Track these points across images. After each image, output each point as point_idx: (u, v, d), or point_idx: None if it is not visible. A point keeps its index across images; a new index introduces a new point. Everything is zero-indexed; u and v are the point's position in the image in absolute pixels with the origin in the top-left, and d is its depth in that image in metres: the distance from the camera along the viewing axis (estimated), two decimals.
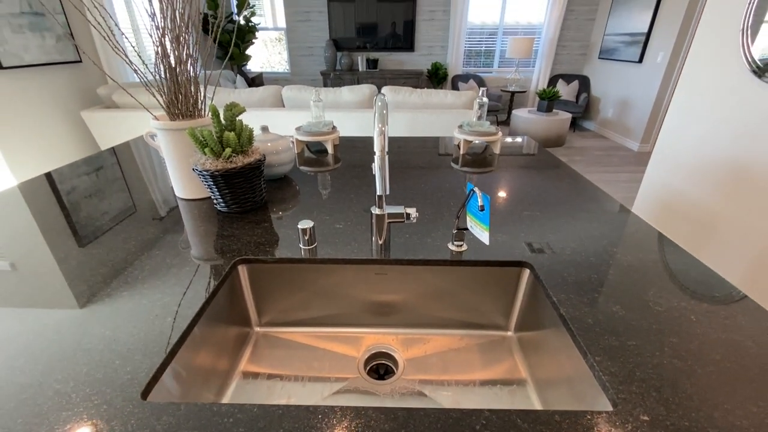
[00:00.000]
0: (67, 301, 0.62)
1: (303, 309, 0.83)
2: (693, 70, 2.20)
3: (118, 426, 0.42)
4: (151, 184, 1.14)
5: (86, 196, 1.04)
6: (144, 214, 0.93)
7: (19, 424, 0.42)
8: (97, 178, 1.18)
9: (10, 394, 0.45)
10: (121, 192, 1.07)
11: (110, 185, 1.12)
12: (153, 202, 1.01)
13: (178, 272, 0.70)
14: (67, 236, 0.83)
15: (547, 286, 0.66)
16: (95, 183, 1.14)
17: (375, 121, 0.55)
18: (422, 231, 0.84)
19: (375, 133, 0.55)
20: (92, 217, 0.92)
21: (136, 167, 1.29)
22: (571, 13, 5.18)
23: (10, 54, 2.38)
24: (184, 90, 0.86)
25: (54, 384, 0.47)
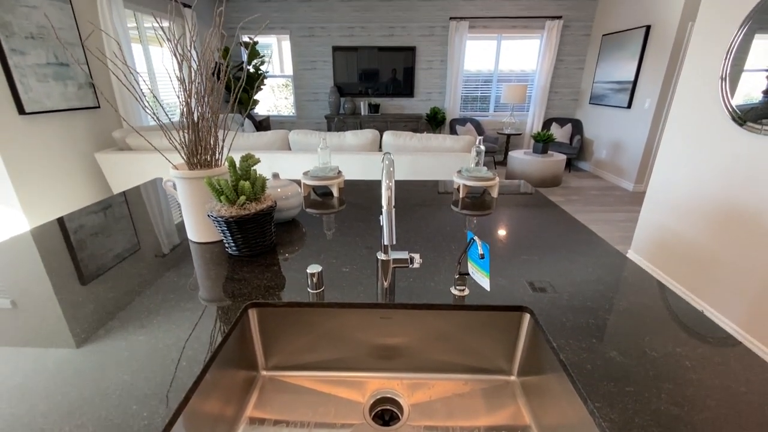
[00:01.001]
0: (86, 344, 0.65)
1: (309, 352, 0.84)
2: (678, 118, 2.33)
3: None
4: (164, 228, 1.19)
5: (96, 239, 1.09)
6: (158, 259, 0.97)
7: None
8: (111, 222, 1.23)
9: None
10: (135, 236, 1.12)
11: (124, 229, 1.17)
12: (166, 246, 1.05)
13: (191, 316, 0.73)
14: (81, 280, 0.86)
15: (546, 331, 0.69)
16: (108, 227, 1.19)
17: (383, 178, 0.61)
18: (425, 275, 0.88)
19: (383, 188, 0.61)
20: (106, 262, 0.96)
21: (148, 211, 1.34)
22: (561, 62, 5.52)
23: (32, 101, 2.53)
24: (204, 143, 0.94)
25: (74, 429, 0.48)
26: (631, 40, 4.37)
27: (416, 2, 5.29)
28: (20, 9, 2.44)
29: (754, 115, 1.83)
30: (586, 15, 5.26)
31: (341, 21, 5.42)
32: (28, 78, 2.48)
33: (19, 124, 2.47)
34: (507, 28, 5.38)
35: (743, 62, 1.90)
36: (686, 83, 2.25)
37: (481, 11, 5.30)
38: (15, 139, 2.45)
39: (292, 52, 5.64)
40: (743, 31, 1.88)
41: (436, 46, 5.51)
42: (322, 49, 5.58)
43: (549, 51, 5.34)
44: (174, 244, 1.05)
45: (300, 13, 5.40)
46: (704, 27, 2.13)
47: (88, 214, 1.29)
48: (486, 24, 5.35)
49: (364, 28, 5.44)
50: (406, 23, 5.39)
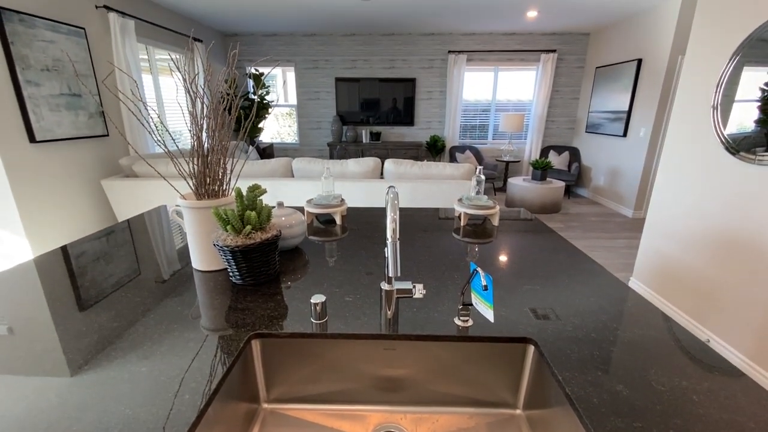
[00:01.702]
0: (88, 374, 0.64)
1: (312, 384, 0.83)
2: (673, 147, 2.39)
3: None
4: (168, 256, 1.20)
5: (99, 267, 1.09)
6: (161, 287, 0.98)
7: None
8: (114, 250, 1.24)
9: None
10: (137, 264, 1.13)
11: (127, 258, 1.18)
12: (170, 274, 1.06)
13: (194, 346, 0.73)
14: (82, 309, 0.87)
15: (551, 363, 0.68)
16: (111, 255, 1.20)
17: (388, 211, 0.63)
18: (429, 305, 0.88)
19: (388, 220, 0.63)
20: (108, 291, 0.96)
21: (151, 239, 1.36)
22: (557, 92, 5.69)
23: (44, 129, 2.60)
24: (212, 174, 0.96)
25: None
26: (623, 72, 4.53)
27: (416, 37, 5.52)
28: (37, 43, 2.55)
29: (747, 145, 1.87)
30: (579, 49, 5.48)
31: (344, 54, 5.64)
32: (41, 108, 2.57)
33: (29, 152, 2.53)
34: (503, 60, 5.59)
35: (734, 93, 1.96)
36: (679, 113, 2.32)
37: (478, 45, 5.52)
38: (24, 166, 2.50)
39: (296, 82, 5.83)
40: (732, 64, 1.96)
41: (435, 77, 5.70)
42: (326, 80, 5.77)
43: (545, 82, 5.53)
44: (178, 272, 1.06)
45: (305, 46, 5.63)
46: (694, 60, 2.23)
47: (91, 241, 1.30)
48: (483, 57, 5.57)
49: (367, 61, 5.65)
50: (406, 56, 5.61)
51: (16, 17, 2.40)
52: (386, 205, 0.65)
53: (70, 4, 2.84)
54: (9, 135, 2.39)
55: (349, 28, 5.19)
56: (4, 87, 2.36)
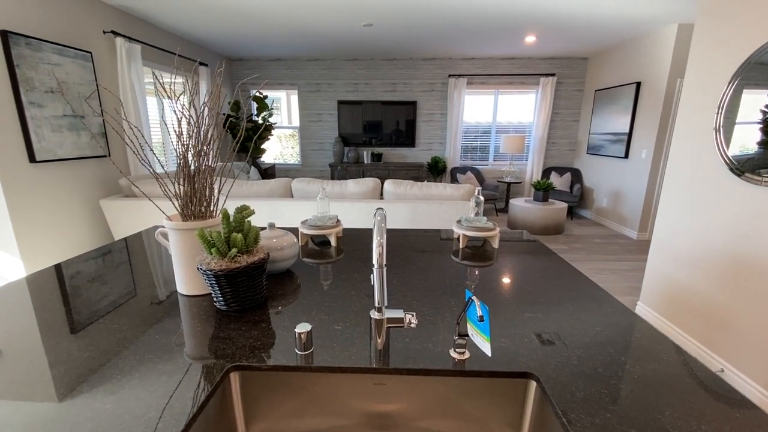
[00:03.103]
0: (76, 396, 0.59)
1: (295, 420, 0.77)
2: (676, 169, 2.35)
3: None
4: (154, 279, 1.15)
5: (88, 288, 1.05)
6: (143, 313, 0.93)
7: None
8: (104, 271, 1.20)
9: None
10: (125, 287, 1.08)
11: (118, 278, 1.14)
12: (154, 298, 1.01)
13: (169, 378, 0.67)
14: (64, 333, 0.82)
15: (555, 402, 0.62)
16: (101, 276, 1.15)
17: (375, 234, 0.59)
18: (423, 335, 0.82)
19: (374, 244, 0.58)
20: (93, 314, 0.91)
21: (139, 262, 1.32)
22: (557, 115, 5.73)
23: (44, 150, 2.61)
24: (198, 195, 0.93)
25: None
26: (623, 95, 4.57)
27: (417, 61, 5.63)
28: (43, 66, 2.60)
29: (752, 166, 1.84)
30: (577, 72, 5.56)
31: (347, 78, 5.74)
32: (42, 129, 2.59)
33: (28, 172, 2.53)
34: (503, 84, 5.67)
35: (735, 115, 1.94)
36: (681, 136, 2.30)
37: (478, 69, 5.62)
38: (23, 185, 2.50)
39: (299, 105, 5.92)
40: (732, 86, 1.95)
41: (436, 100, 5.78)
42: (328, 102, 5.86)
43: (544, 105, 5.58)
44: (162, 297, 1.01)
45: (308, 70, 5.75)
46: (693, 84, 2.22)
47: (85, 261, 1.26)
48: (483, 81, 5.65)
49: (368, 84, 5.75)
50: (407, 80, 5.71)
51: (24, 41, 2.45)
52: (373, 227, 0.61)
53: (78, 29, 2.91)
54: (8, 155, 2.40)
55: (352, 53, 5.30)
56: (6, 108, 2.38)
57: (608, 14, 3.52)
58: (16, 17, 2.44)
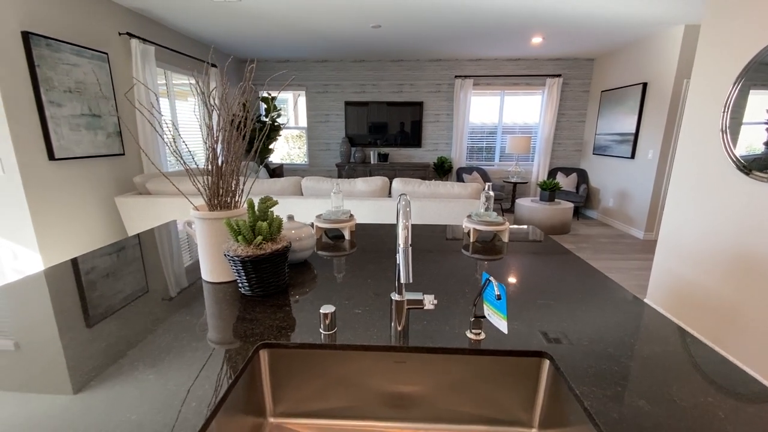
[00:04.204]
0: (94, 383, 0.64)
1: (320, 399, 0.81)
2: (683, 168, 2.37)
3: None
4: (178, 268, 1.20)
5: (107, 280, 1.10)
6: (170, 299, 0.98)
7: None
8: (124, 263, 1.25)
9: None
10: (145, 277, 1.13)
11: (136, 270, 1.19)
12: (178, 286, 1.06)
13: (203, 355, 0.72)
14: (87, 322, 0.87)
15: (568, 378, 0.66)
16: (121, 268, 1.21)
17: (400, 218, 0.63)
18: (439, 318, 0.87)
19: (400, 227, 0.63)
20: (115, 301, 0.96)
21: (159, 253, 1.37)
22: (563, 116, 5.75)
23: (63, 148, 2.69)
24: (225, 185, 0.98)
25: None
26: (629, 95, 4.58)
27: (424, 62, 5.68)
28: (62, 66, 2.68)
29: (759, 165, 1.86)
30: (584, 73, 5.58)
31: (354, 79, 5.80)
32: (61, 127, 2.66)
33: (47, 169, 2.60)
34: (509, 85, 5.70)
35: (741, 116, 1.97)
36: (688, 136, 2.32)
37: (484, 70, 5.66)
38: (42, 182, 2.57)
39: (307, 106, 5.99)
40: (738, 87, 1.97)
41: (442, 101, 5.82)
42: (335, 103, 5.93)
43: (550, 106, 5.60)
44: (187, 284, 1.06)
45: (316, 72, 5.82)
46: (700, 84, 2.25)
47: (102, 256, 1.32)
48: (489, 82, 5.69)
49: (375, 85, 5.81)
50: (414, 81, 5.76)
51: (44, 42, 2.53)
52: (398, 213, 0.66)
53: (95, 30, 2.99)
54: (29, 152, 2.48)
55: (359, 54, 5.36)
56: (27, 107, 2.46)
57: (615, 15, 3.55)
58: (37, 19, 2.52)
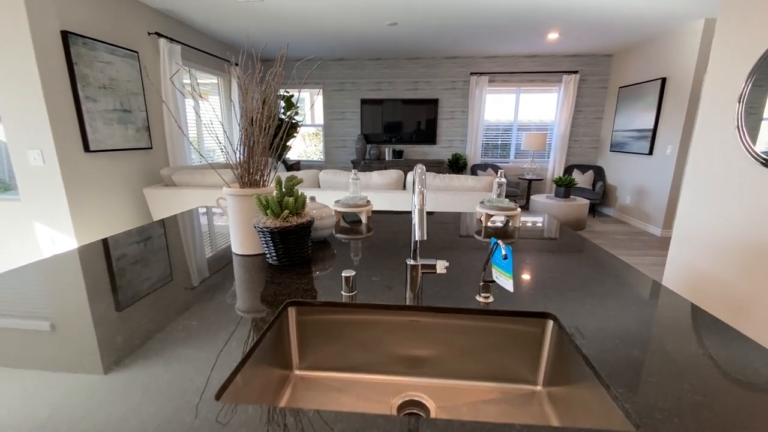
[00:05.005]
0: (134, 350, 0.73)
1: (340, 357, 0.89)
2: (699, 162, 2.37)
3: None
4: (210, 244, 1.31)
5: (146, 251, 1.21)
6: (203, 267, 1.08)
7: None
8: (158, 241, 1.36)
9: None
10: (180, 252, 1.24)
11: (174, 247, 1.29)
12: (214, 257, 1.16)
13: (236, 316, 0.81)
14: (118, 305, 0.97)
15: (569, 332, 0.72)
16: (157, 248, 1.32)
17: (416, 184, 0.70)
18: (451, 286, 0.93)
19: (416, 192, 0.70)
20: (151, 276, 1.07)
21: (192, 233, 1.48)
22: (579, 112, 5.71)
23: (97, 140, 2.86)
24: (256, 164, 1.07)
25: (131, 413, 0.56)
26: (647, 91, 4.53)
27: (439, 60, 5.73)
28: (97, 64, 2.85)
29: None
30: (601, 70, 5.52)
31: (370, 77, 5.89)
32: (96, 121, 2.83)
33: (83, 160, 2.77)
34: (525, 82, 5.69)
35: (760, 111, 1.95)
36: (702, 129, 2.32)
37: (500, 67, 5.66)
38: (78, 173, 2.74)
39: (323, 103, 6.12)
40: (750, 83, 1.96)
41: (457, 98, 5.85)
42: (352, 101, 6.03)
43: (567, 103, 5.57)
44: (218, 257, 1.16)
45: (332, 70, 5.93)
46: (715, 79, 2.24)
47: (142, 233, 1.43)
48: (505, 79, 5.69)
49: (391, 83, 5.88)
50: (429, 78, 5.81)
51: (81, 41, 2.70)
52: (414, 179, 0.73)
53: (127, 30, 3.17)
54: (67, 144, 2.65)
55: (375, 52, 5.45)
56: (66, 102, 2.63)
57: (634, 10, 3.53)
58: (74, 19, 2.69)
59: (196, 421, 0.49)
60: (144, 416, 0.50)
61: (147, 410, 0.51)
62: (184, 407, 0.52)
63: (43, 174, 2.61)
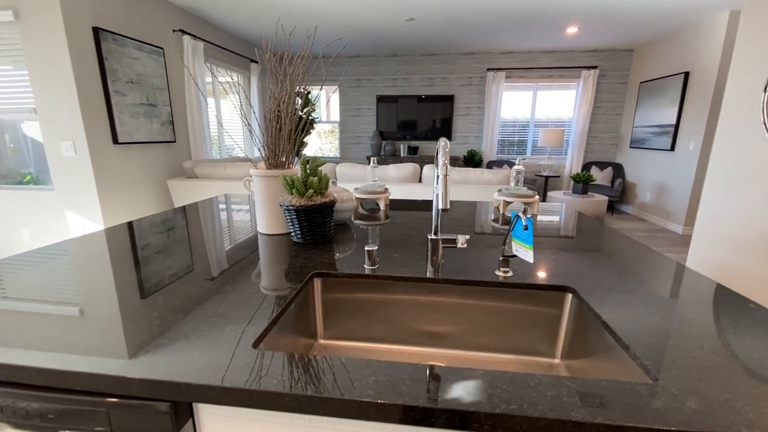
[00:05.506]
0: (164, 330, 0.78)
1: (363, 329, 0.93)
2: (720, 158, 2.32)
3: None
4: (244, 224, 1.36)
5: (174, 234, 1.27)
6: (230, 248, 1.13)
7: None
8: (181, 225, 1.43)
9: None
10: (219, 231, 1.29)
11: (196, 231, 1.35)
12: (244, 237, 1.21)
13: (262, 291, 0.85)
14: (143, 292, 1.02)
15: (588, 301, 0.74)
16: (193, 228, 1.38)
17: (439, 156, 0.73)
18: (471, 262, 0.96)
19: (440, 163, 0.73)
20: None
21: (219, 217, 1.54)
22: (598, 108, 5.61)
23: (125, 133, 2.97)
24: (282, 146, 1.12)
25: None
26: (670, 85, 4.43)
27: (456, 56, 5.72)
28: (126, 60, 2.96)
29: None
30: (622, 65, 5.42)
31: (386, 73, 5.93)
32: (124, 114, 2.95)
33: (111, 152, 2.89)
34: (543, 77, 5.63)
35: None
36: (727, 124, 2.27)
37: (517, 63, 5.62)
38: (107, 163, 2.86)
39: (339, 100, 6.18)
40: None
41: (473, 94, 5.83)
42: (368, 98, 6.07)
43: (586, 98, 5.48)
44: (245, 237, 1.21)
45: (349, 67, 5.99)
46: (739, 72, 2.19)
47: (174, 215, 1.50)
48: (522, 74, 5.64)
49: (407, 79, 5.90)
50: (445, 74, 5.80)
51: (111, 37, 2.81)
52: (437, 152, 0.76)
53: (153, 27, 3.28)
54: (97, 136, 2.76)
55: (392, 48, 5.48)
56: (97, 95, 2.75)
57: (657, 2, 3.46)
58: (105, 16, 2.80)
59: (237, 361, 0.54)
60: (189, 359, 0.55)
61: (192, 354, 0.56)
62: (226, 352, 0.56)
63: (75, 164, 2.73)
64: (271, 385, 0.49)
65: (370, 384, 0.50)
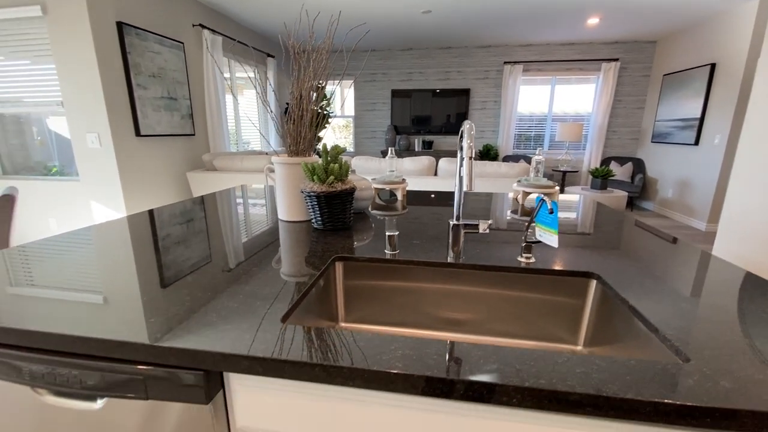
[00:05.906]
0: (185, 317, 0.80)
1: (384, 314, 0.93)
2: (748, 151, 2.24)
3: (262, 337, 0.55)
4: (262, 214, 1.38)
5: (200, 222, 1.30)
6: (253, 235, 1.15)
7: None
8: (200, 213, 1.46)
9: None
10: (227, 222, 1.32)
11: (214, 220, 1.38)
12: (267, 225, 1.23)
13: (283, 276, 0.87)
14: (163, 279, 1.05)
15: (615, 288, 0.73)
16: (203, 217, 1.41)
17: (465, 139, 0.73)
18: (492, 248, 0.95)
19: (465, 146, 0.73)
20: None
21: (234, 207, 1.57)
22: (618, 102, 5.47)
23: (147, 126, 3.04)
24: (303, 133, 1.13)
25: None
26: (694, 78, 4.28)
27: (472, 49, 5.65)
28: (148, 54, 3.03)
29: None
30: (644, 57, 5.26)
31: (401, 67, 5.90)
32: (146, 107, 3.02)
33: (134, 144, 2.97)
34: (561, 70, 5.51)
35: None
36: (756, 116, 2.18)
37: (535, 56, 5.51)
38: (130, 155, 2.94)
39: (354, 95, 6.18)
40: None
41: (490, 88, 5.76)
42: (383, 92, 6.06)
43: (606, 92, 5.35)
44: (267, 225, 1.23)
45: (364, 61, 5.98)
46: None
47: (195, 205, 1.54)
48: (540, 67, 5.54)
49: (422, 73, 5.87)
50: (461, 68, 5.74)
51: (134, 31, 2.88)
52: (461, 135, 0.76)
53: (173, 21, 3.34)
54: (121, 129, 2.84)
55: (407, 42, 5.44)
56: (120, 89, 2.82)
57: None
58: (128, 11, 2.87)
59: (267, 333, 0.55)
60: (220, 331, 0.56)
61: (223, 327, 0.57)
62: (255, 325, 0.58)
63: (100, 156, 2.82)
64: (301, 356, 0.50)
65: (398, 357, 0.50)
